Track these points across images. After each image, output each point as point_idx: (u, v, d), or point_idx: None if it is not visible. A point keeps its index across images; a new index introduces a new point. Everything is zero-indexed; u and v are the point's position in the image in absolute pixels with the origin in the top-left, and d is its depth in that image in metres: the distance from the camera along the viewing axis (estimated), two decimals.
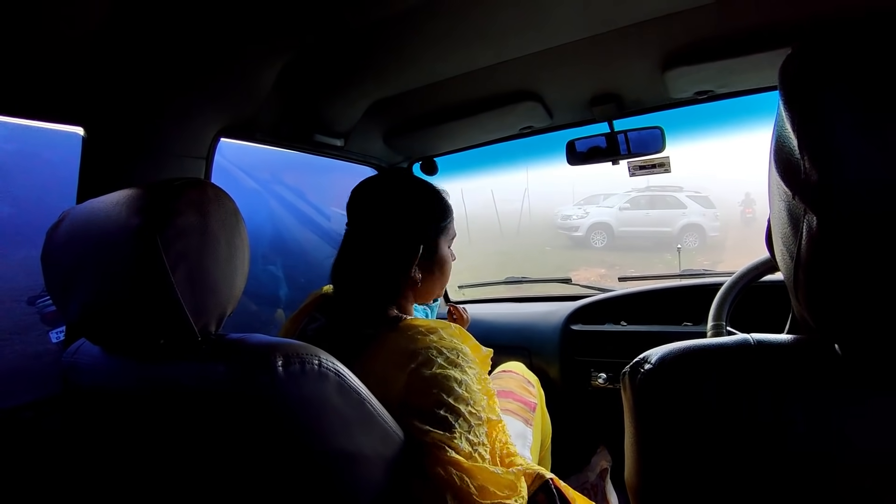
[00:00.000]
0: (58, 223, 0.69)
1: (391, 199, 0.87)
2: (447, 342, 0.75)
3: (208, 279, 0.60)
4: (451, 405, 0.69)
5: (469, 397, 0.71)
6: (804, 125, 0.31)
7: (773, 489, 0.37)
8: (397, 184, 0.90)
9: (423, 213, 0.87)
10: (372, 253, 0.85)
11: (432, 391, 0.70)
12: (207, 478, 0.64)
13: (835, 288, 0.33)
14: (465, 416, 0.70)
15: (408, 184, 0.90)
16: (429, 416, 0.69)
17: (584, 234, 10.33)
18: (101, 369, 0.70)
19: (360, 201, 0.88)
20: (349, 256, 0.87)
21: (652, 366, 0.42)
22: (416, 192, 0.89)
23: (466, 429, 0.69)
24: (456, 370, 0.72)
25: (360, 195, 0.89)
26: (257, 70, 1.06)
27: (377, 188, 0.89)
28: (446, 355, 0.73)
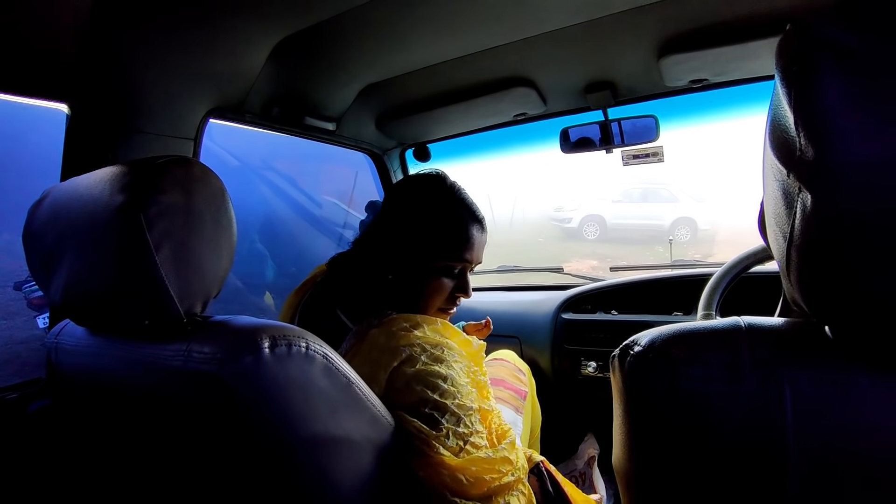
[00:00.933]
0: (40, 201, 0.68)
1: (413, 211, 0.85)
2: (431, 338, 0.74)
3: (193, 259, 0.59)
4: (436, 402, 0.69)
5: (456, 391, 0.70)
6: (801, 102, 0.30)
7: (764, 471, 0.37)
8: (429, 198, 0.87)
9: (434, 239, 0.84)
10: (377, 250, 0.86)
11: (416, 389, 0.69)
12: (193, 457, 0.64)
13: (827, 268, 0.32)
14: (453, 410, 0.69)
15: (438, 204, 0.86)
16: (414, 414, 0.68)
17: (576, 226, 10.35)
18: (86, 350, 0.69)
19: (389, 196, 0.89)
20: (362, 245, 0.89)
21: (641, 348, 0.42)
22: (440, 216, 0.85)
23: (454, 423, 0.68)
24: (441, 366, 0.71)
25: (394, 190, 0.90)
26: (247, 50, 1.04)
27: (404, 189, 0.89)
28: (430, 352, 0.72)
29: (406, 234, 0.84)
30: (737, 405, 0.37)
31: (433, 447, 0.66)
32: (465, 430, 0.69)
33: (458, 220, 0.85)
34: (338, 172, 5.63)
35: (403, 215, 0.86)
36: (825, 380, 0.35)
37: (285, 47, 1.06)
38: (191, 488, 0.70)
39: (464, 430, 0.69)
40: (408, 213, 0.85)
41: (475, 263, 0.89)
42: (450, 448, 0.66)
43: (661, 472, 0.42)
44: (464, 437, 0.68)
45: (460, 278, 0.87)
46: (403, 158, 1.97)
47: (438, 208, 0.85)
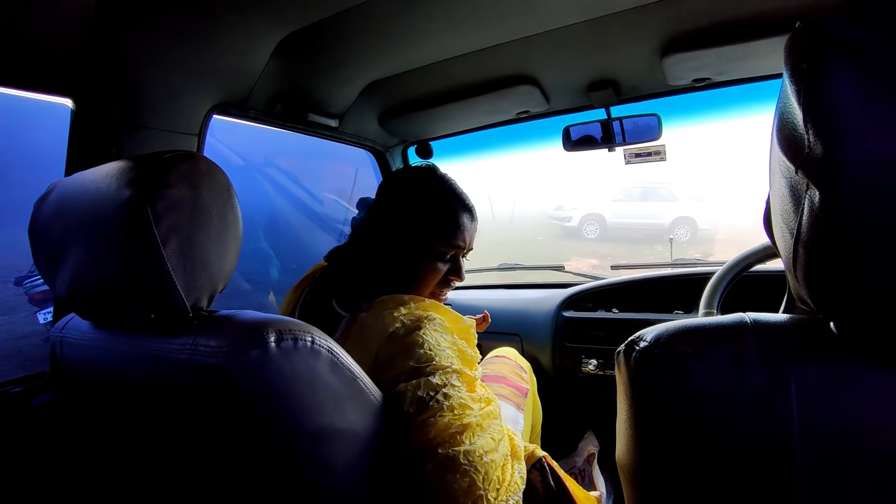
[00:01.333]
0: (45, 195, 0.68)
1: (402, 201, 0.88)
2: (413, 313, 0.76)
3: (200, 254, 0.60)
4: (412, 368, 0.70)
5: (433, 354, 0.72)
6: (810, 99, 0.30)
7: (769, 466, 0.37)
8: (415, 187, 0.90)
9: (423, 227, 0.86)
10: (368, 241, 0.89)
11: (396, 362, 0.71)
12: (198, 450, 0.64)
13: (834, 264, 0.33)
14: (428, 371, 0.70)
15: (424, 191, 0.89)
16: (396, 385, 0.70)
17: (576, 225, 10.35)
18: (91, 344, 0.69)
19: (380, 190, 0.92)
20: (356, 239, 0.92)
21: (647, 344, 0.42)
22: (427, 202, 0.88)
23: (429, 377, 0.70)
24: (418, 334, 0.73)
25: (383, 184, 0.92)
26: (251, 46, 1.04)
27: (397, 181, 0.91)
28: (409, 325, 0.74)
29: (400, 221, 0.87)
30: (743, 400, 0.37)
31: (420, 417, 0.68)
32: (438, 381, 0.70)
33: (448, 207, 0.88)
34: (338, 170, 5.63)
35: (397, 205, 0.88)
36: (831, 375, 0.36)
37: (289, 44, 1.06)
38: (196, 481, 0.70)
39: (437, 381, 0.70)
40: (401, 202, 0.88)
41: (467, 249, 0.91)
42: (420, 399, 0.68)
43: (665, 467, 0.42)
44: (436, 388, 0.69)
45: (453, 263, 0.90)
46: (406, 156, 1.97)
47: (430, 197, 0.88)
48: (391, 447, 0.66)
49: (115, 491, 0.82)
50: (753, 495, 0.38)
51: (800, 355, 0.37)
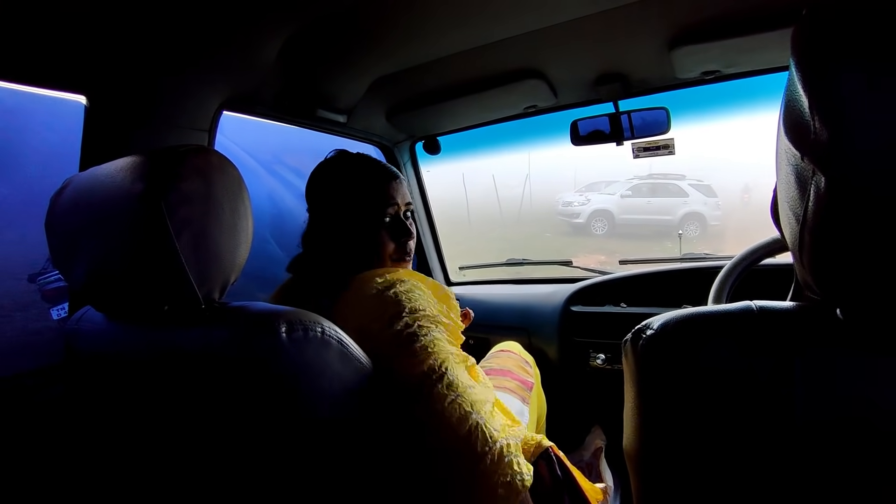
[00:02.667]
0: (61, 190, 0.69)
1: (331, 186, 0.93)
2: (388, 279, 0.80)
3: (212, 246, 0.61)
4: (391, 315, 0.74)
5: (407, 302, 0.75)
6: (815, 85, 0.31)
7: (775, 452, 0.37)
8: (336, 169, 0.94)
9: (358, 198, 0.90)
10: (323, 233, 0.93)
11: (376, 315, 0.75)
12: (209, 441, 0.65)
13: (839, 249, 0.33)
14: (404, 315, 0.74)
15: (345, 168, 0.94)
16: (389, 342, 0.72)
17: (584, 221, 10.30)
18: (105, 336, 0.70)
19: (310, 185, 0.95)
20: (309, 237, 0.96)
21: (654, 331, 0.42)
22: (353, 176, 0.92)
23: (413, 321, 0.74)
24: (391, 290, 0.77)
25: (311, 180, 0.95)
26: (260, 42, 1.05)
27: (321, 173, 0.95)
28: (382, 287, 0.78)
29: (336, 210, 0.91)
30: (748, 387, 0.37)
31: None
32: (410, 320, 0.74)
33: (368, 175, 0.92)
34: None
35: (327, 197, 0.92)
36: (836, 361, 0.36)
37: (297, 40, 1.07)
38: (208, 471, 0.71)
39: (410, 320, 0.73)
40: (329, 193, 0.92)
41: (403, 206, 0.95)
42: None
43: (672, 453, 0.43)
44: (410, 326, 0.73)
45: (396, 223, 0.93)
46: (413, 151, 1.98)
47: (350, 175, 0.92)
48: (402, 439, 0.67)
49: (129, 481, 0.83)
50: (758, 480, 0.38)
51: (805, 341, 0.37)
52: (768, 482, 0.38)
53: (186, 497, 0.73)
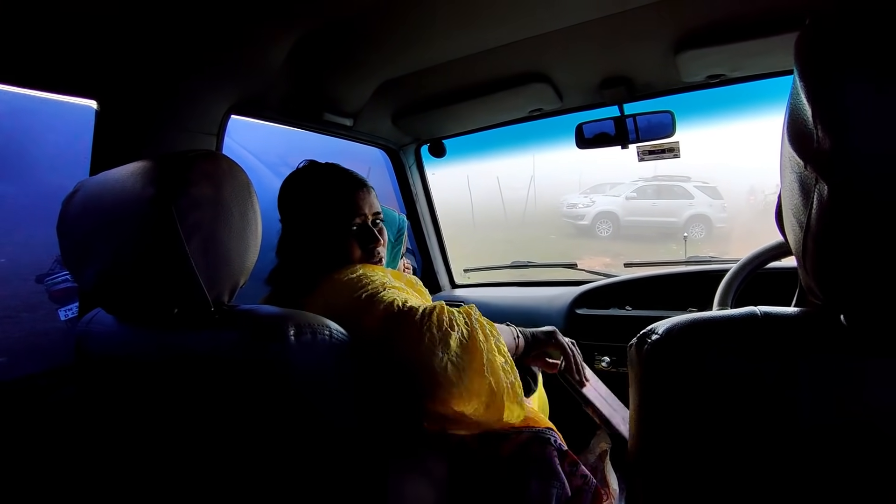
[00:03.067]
0: (73, 194, 0.70)
1: (294, 202, 0.95)
2: (355, 269, 0.83)
3: (221, 250, 0.61)
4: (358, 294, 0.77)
5: (369, 279, 0.80)
6: (818, 94, 0.31)
7: (780, 457, 0.38)
8: (296, 186, 0.96)
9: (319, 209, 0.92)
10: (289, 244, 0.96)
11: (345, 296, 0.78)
12: (218, 442, 0.66)
13: (842, 256, 0.33)
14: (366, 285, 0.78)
15: (303, 185, 0.96)
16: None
17: (589, 223, 10.26)
18: (115, 338, 0.71)
19: (279, 208, 0.97)
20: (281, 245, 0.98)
21: (659, 336, 0.42)
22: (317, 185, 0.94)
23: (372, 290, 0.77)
24: (354, 275, 0.81)
25: (280, 198, 0.97)
26: (268, 47, 1.06)
27: (288, 190, 0.97)
28: (347, 277, 0.81)
29: (304, 219, 0.93)
30: (753, 392, 0.38)
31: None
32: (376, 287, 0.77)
33: (337, 187, 0.94)
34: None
35: (298, 209, 0.94)
36: (841, 366, 0.36)
37: (304, 44, 1.08)
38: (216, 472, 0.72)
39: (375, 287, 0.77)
40: (300, 205, 0.94)
41: (371, 215, 0.96)
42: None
43: (677, 457, 0.43)
44: (377, 290, 0.76)
45: (364, 232, 0.94)
46: (419, 154, 1.98)
47: (319, 186, 0.94)
48: (406, 439, 0.67)
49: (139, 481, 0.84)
50: (763, 484, 0.39)
51: (810, 346, 0.37)
52: (773, 486, 0.38)
53: (196, 497, 0.74)
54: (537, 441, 0.77)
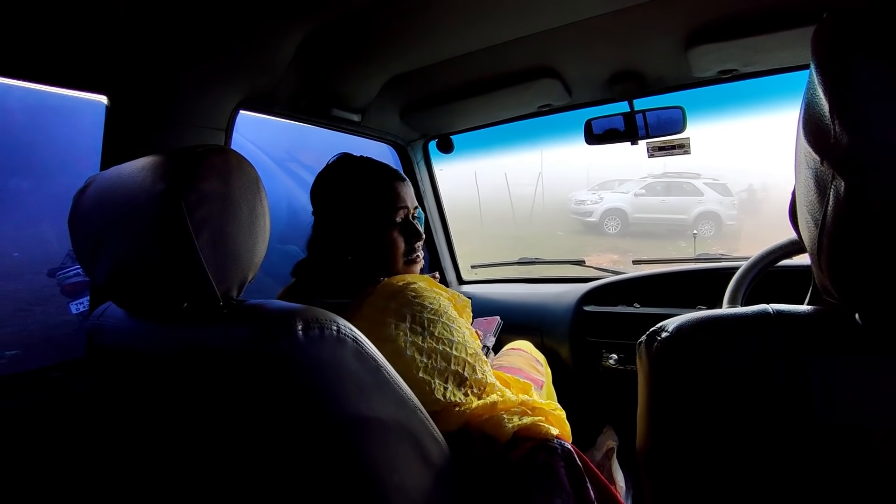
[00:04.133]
0: (84, 188, 0.71)
1: (339, 190, 0.94)
2: (405, 278, 0.84)
3: (230, 245, 0.61)
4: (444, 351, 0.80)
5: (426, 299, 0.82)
6: (836, 89, 0.30)
7: (792, 457, 0.37)
8: (343, 174, 0.95)
9: (366, 202, 0.92)
10: (329, 237, 0.94)
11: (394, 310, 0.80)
12: (226, 437, 0.66)
13: (859, 254, 0.33)
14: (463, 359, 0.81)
15: (351, 173, 0.95)
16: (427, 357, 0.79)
17: (597, 220, 10.21)
18: (126, 331, 0.72)
19: (315, 189, 0.96)
20: (315, 240, 0.97)
21: (669, 334, 0.42)
22: (358, 180, 0.93)
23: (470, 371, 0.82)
24: (409, 288, 0.82)
25: (316, 184, 0.96)
26: (277, 42, 1.06)
27: (328, 177, 0.96)
28: (400, 287, 0.82)
29: (347, 213, 0.91)
30: (765, 390, 0.37)
31: (459, 402, 0.78)
32: (480, 376, 0.82)
33: (378, 178, 0.93)
34: None
35: (338, 200, 0.93)
36: (855, 365, 0.36)
37: (313, 39, 1.08)
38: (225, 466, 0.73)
39: (480, 376, 0.82)
40: (340, 196, 0.93)
41: (412, 208, 0.96)
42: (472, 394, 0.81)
43: (685, 456, 0.43)
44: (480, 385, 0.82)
45: (406, 225, 0.94)
46: (427, 150, 1.98)
47: (360, 178, 0.93)
48: (417, 438, 0.67)
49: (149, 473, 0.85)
50: (772, 484, 0.38)
51: (823, 345, 0.37)
52: (784, 486, 0.38)
53: (205, 490, 0.74)
54: (543, 450, 0.77)
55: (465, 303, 0.92)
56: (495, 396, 0.81)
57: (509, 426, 0.76)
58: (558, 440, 0.78)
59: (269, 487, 0.67)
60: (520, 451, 0.76)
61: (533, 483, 0.73)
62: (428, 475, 0.69)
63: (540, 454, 0.76)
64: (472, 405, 0.79)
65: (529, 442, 0.77)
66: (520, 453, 0.76)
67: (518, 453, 0.76)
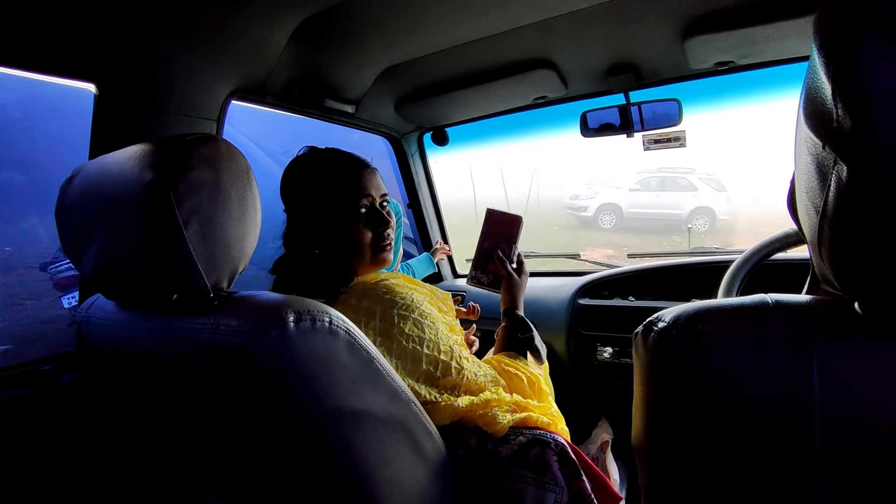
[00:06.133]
0: (70, 178, 0.70)
1: (300, 187, 0.92)
2: (379, 278, 0.85)
3: (220, 235, 0.60)
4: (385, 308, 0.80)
5: (401, 293, 0.83)
6: (839, 72, 0.30)
7: (788, 446, 0.37)
8: (303, 170, 0.93)
9: (325, 199, 0.90)
10: (299, 235, 0.92)
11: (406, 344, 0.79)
12: (218, 428, 0.65)
13: (860, 242, 0.32)
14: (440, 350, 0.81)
15: (312, 169, 0.93)
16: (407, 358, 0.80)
17: (592, 215, 10.23)
18: (115, 324, 0.71)
19: (282, 188, 0.94)
20: (286, 237, 0.95)
21: (666, 324, 0.41)
22: (319, 176, 0.92)
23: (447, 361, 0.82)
24: (383, 284, 0.83)
25: (282, 181, 0.94)
26: (269, 31, 1.04)
27: (289, 175, 0.94)
28: (399, 299, 0.82)
29: (313, 207, 0.90)
30: (763, 380, 0.37)
31: (438, 401, 0.78)
32: (454, 375, 0.82)
33: (342, 169, 0.92)
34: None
35: (303, 195, 0.91)
36: (854, 355, 0.35)
37: (306, 28, 1.06)
38: (215, 457, 0.72)
39: (453, 376, 0.82)
40: (304, 191, 0.91)
41: (377, 196, 0.94)
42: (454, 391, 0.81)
43: (682, 448, 0.42)
44: (453, 385, 0.81)
45: (373, 214, 0.93)
46: (421, 142, 1.97)
47: (323, 170, 0.92)
48: (410, 431, 0.67)
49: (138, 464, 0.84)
50: (770, 475, 0.38)
51: (822, 335, 0.36)
52: (783, 475, 0.37)
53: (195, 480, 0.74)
54: (537, 444, 0.76)
55: (445, 296, 0.92)
56: (488, 394, 0.81)
57: (503, 422, 0.76)
58: (551, 434, 0.78)
59: (261, 479, 0.67)
60: (513, 445, 0.75)
61: (526, 477, 0.73)
62: (421, 468, 0.68)
63: (533, 448, 0.75)
64: (465, 402, 0.78)
65: (522, 436, 0.76)
66: (513, 448, 0.75)
67: (511, 448, 0.75)
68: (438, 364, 0.80)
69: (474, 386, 0.82)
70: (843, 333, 0.36)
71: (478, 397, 0.80)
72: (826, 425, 0.35)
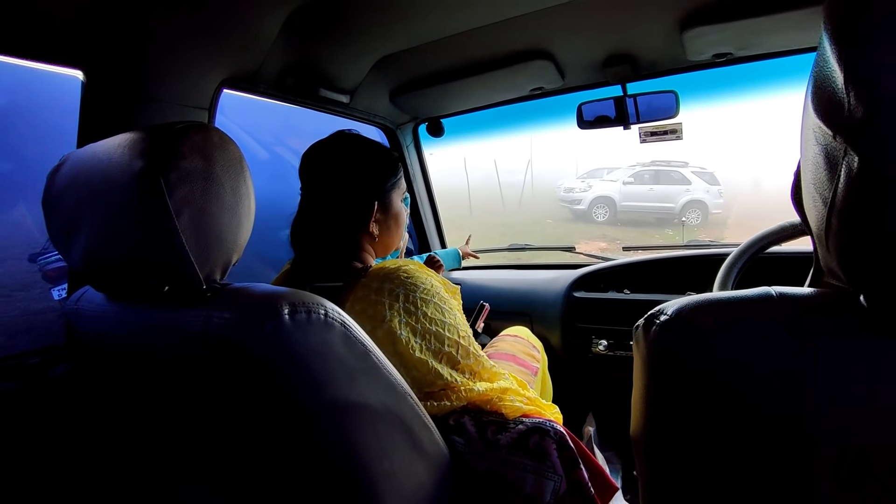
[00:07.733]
0: (58, 167, 0.68)
1: (343, 160, 0.90)
2: (415, 273, 0.83)
3: (213, 226, 0.59)
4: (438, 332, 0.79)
5: (420, 281, 0.81)
6: (851, 59, 0.29)
7: (792, 440, 0.36)
8: (347, 145, 0.92)
9: (375, 171, 0.90)
10: (329, 213, 0.89)
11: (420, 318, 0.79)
12: (211, 421, 0.65)
13: (869, 233, 0.31)
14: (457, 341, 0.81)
15: (357, 144, 0.92)
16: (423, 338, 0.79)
17: (586, 208, 10.27)
18: (105, 316, 0.69)
19: (313, 164, 0.91)
20: (307, 219, 0.91)
21: (668, 317, 0.41)
22: (365, 151, 0.92)
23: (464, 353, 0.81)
24: (433, 296, 0.81)
25: (312, 158, 0.91)
26: (261, 18, 1.02)
27: (329, 150, 0.92)
28: (421, 285, 0.81)
29: (357, 184, 0.89)
30: (767, 374, 0.36)
31: (458, 384, 0.78)
32: (472, 361, 0.82)
33: (384, 150, 0.93)
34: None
35: (354, 172, 0.90)
36: (861, 348, 0.35)
37: (300, 16, 1.04)
38: (209, 451, 0.71)
39: (471, 361, 0.82)
40: (356, 166, 0.90)
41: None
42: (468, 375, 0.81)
43: (685, 440, 0.42)
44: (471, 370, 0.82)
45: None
46: (416, 133, 1.96)
47: (368, 150, 0.92)
48: (406, 424, 0.66)
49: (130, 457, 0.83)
50: (773, 469, 0.37)
51: (828, 328, 0.36)
52: (788, 469, 0.37)
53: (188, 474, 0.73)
54: (535, 432, 0.76)
55: (455, 289, 0.91)
56: (505, 383, 0.82)
57: (517, 404, 0.79)
58: (550, 422, 0.78)
59: (255, 472, 0.66)
60: (512, 433, 0.75)
61: (525, 465, 0.73)
62: (418, 461, 0.68)
63: (532, 436, 0.75)
64: (483, 387, 0.79)
65: (522, 424, 0.76)
66: (512, 436, 0.75)
67: (510, 436, 0.75)
68: (459, 348, 0.81)
69: (490, 374, 0.83)
70: (849, 326, 0.36)
71: (495, 384, 0.81)
72: (831, 417, 0.35)
